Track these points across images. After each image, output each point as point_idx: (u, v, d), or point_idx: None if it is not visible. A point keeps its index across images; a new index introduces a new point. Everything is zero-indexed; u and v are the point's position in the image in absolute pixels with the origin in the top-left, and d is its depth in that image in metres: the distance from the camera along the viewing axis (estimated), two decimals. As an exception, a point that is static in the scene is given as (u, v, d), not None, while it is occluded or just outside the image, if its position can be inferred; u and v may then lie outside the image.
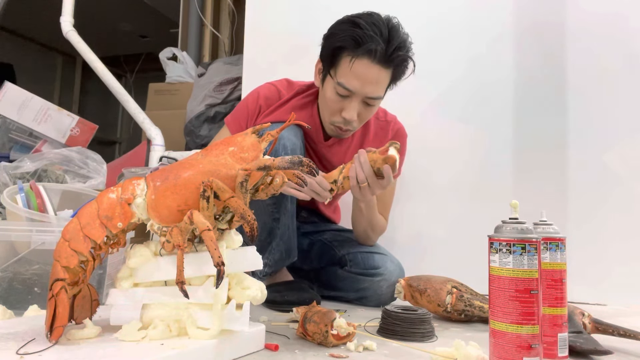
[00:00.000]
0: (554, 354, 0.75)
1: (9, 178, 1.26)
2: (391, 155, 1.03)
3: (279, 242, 1.21)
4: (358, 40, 1.12)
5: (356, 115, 1.19)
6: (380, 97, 1.20)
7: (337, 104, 1.20)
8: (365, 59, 1.13)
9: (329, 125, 1.26)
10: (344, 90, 1.16)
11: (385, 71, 1.16)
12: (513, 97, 1.68)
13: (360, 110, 1.20)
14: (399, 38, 1.15)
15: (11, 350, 0.63)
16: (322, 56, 1.23)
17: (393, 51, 1.13)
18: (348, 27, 1.15)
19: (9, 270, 0.94)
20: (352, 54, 1.13)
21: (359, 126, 1.26)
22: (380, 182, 1.08)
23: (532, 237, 0.67)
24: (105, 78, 2.11)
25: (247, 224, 0.70)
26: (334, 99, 1.19)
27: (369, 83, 1.15)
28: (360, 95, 1.17)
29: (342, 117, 1.20)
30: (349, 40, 1.13)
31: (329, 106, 1.22)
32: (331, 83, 1.19)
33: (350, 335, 0.84)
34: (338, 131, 1.25)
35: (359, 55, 1.13)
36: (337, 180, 1.07)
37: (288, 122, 0.79)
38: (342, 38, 1.15)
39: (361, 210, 1.29)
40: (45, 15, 3.26)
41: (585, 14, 1.64)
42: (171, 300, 0.73)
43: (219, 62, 2.52)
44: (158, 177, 0.75)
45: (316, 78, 1.28)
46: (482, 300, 1.10)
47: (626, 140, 1.57)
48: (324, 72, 1.22)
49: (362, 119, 1.23)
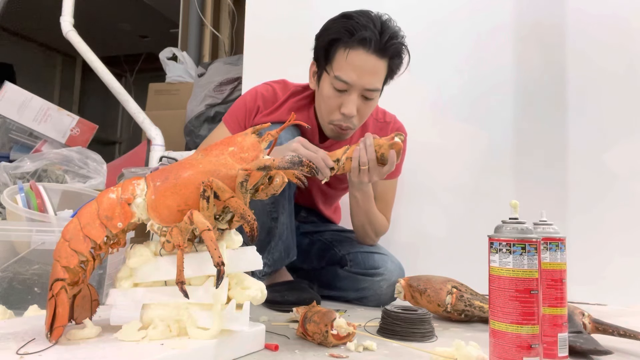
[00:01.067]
0: (554, 354, 0.75)
1: (9, 178, 1.26)
2: (397, 141, 1.04)
3: (278, 242, 1.21)
4: (351, 30, 1.13)
5: (355, 110, 1.18)
6: (378, 89, 1.19)
7: (336, 99, 1.19)
8: (360, 49, 1.14)
9: (328, 126, 1.25)
10: (341, 84, 1.16)
11: (381, 62, 1.16)
12: (513, 97, 1.68)
13: (359, 105, 1.19)
14: (392, 29, 1.16)
15: (11, 350, 0.63)
16: (316, 54, 1.23)
17: (387, 40, 1.14)
18: (340, 20, 1.17)
19: (9, 270, 0.94)
20: (347, 45, 1.15)
21: (359, 124, 1.24)
22: (380, 169, 1.07)
23: (532, 237, 0.67)
24: (105, 78, 2.11)
25: (247, 224, 0.70)
26: (331, 94, 1.19)
27: (366, 74, 1.15)
28: (358, 88, 1.17)
29: (341, 114, 1.19)
30: (342, 31, 1.15)
31: (327, 104, 1.21)
32: (328, 79, 1.19)
33: (350, 335, 0.84)
34: (338, 130, 1.23)
35: (354, 45, 1.14)
36: (339, 159, 1.06)
37: (288, 122, 0.79)
38: (335, 31, 1.16)
39: (357, 200, 1.28)
40: (45, 15, 3.25)
41: (585, 15, 1.64)
42: (171, 300, 0.73)
43: (219, 62, 2.52)
44: (158, 177, 0.75)
45: (311, 81, 1.28)
46: (482, 300, 1.10)
47: (626, 140, 1.57)
48: (319, 72, 1.23)
49: (361, 115, 1.22)
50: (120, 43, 4.81)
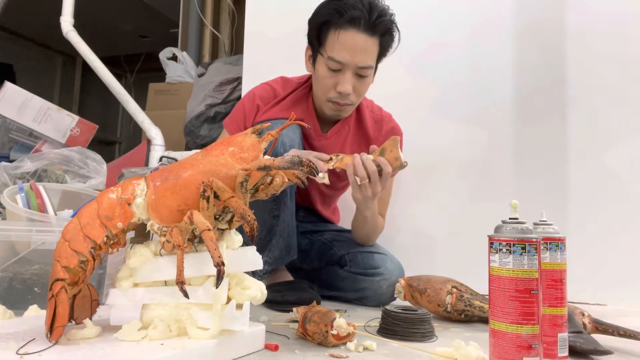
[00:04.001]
0: (554, 354, 0.75)
1: (9, 178, 1.26)
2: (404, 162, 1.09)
3: (279, 240, 1.21)
4: (340, 10, 1.17)
5: (351, 87, 1.22)
6: (371, 66, 1.22)
7: (331, 79, 1.22)
8: (350, 28, 1.17)
9: (326, 104, 1.27)
10: (335, 64, 1.19)
11: (372, 39, 1.19)
12: (513, 96, 1.68)
13: (354, 83, 1.22)
14: (380, 7, 1.19)
15: (11, 350, 0.63)
16: (309, 38, 1.26)
17: (376, 18, 1.18)
18: (330, 2, 1.20)
19: (9, 270, 0.94)
20: (337, 25, 1.18)
21: (357, 100, 1.27)
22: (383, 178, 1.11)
23: (532, 237, 0.67)
24: (105, 78, 2.11)
25: (247, 224, 0.70)
26: (326, 74, 1.22)
27: (358, 52, 1.18)
28: (351, 66, 1.20)
29: (337, 92, 1.22)
30: (332, 12, 1.18)
31: (322, 84, 1.24)
32: (322, 61, 1.22)
33: (350, 335, 0.84)
34: (337, 107, 1.26)
35: (344, 25, 1.17)
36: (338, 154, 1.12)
37: (288, 122, 0.79)
38: (325, 13, 1.20)
39: (366, 219, 1.28)
40: (45, 15, 3.25)
41: (586, 13, 1.64)
42: (171, 300, 0.73)
43: (219, 62, 2.53)
44: (158, 177, 0.75)
45: (307, 65, 1.31)
46: (482, 300, 1.10)
47: (626, 140, 1.57)
48: (313, 55, 1.26)
49: (358, 93, 1.25)
50: (120, 43, 4.81)
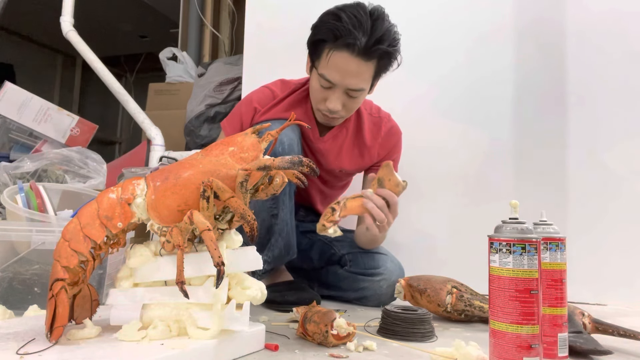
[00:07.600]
0: (554, 354, 0.75)
1: (9, 178, 1.27)
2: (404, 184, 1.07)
3: (278, 239, 1.21)
4: (337, 33, 1.13)
5: (340, 105, 1.21)
6: (362, 89, 1.20)
7: (321, 94, 1.22)
8: (344, 51, 1.14)
9: (317, 113, 1.28)
10: (325, 82, 1.19)
11: (366, 64, 1.15)
12: (513, 96, 1.68)
13: (344, 101, 1.21)
14: (382, 30, 1.13)
15: (11, 350, 0.63)
16: (308, 48, 1.25)
17: (374, 44, 1.13)
18: (330, 20, 1.16)
19: (9, 270, 0.94)
20: (331, 46, 1.15)
21: (347, 115, 1.27)
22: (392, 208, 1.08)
23: (532, 237, 0.67)
24: (105, 78, 2.11)
25: (247, 224, 0.70)
26: (318, 89, 1.22)
27: (349, 75, 1.16)
28: (341, 87, 1.19)
29: (326, 107, 1.22)
30: (328, 33, 1.15)
31: (314, 96, 1.25)
32: (316, 74, 1.22)
33: (350, 335, 0.84)
34: (326, 118, 1.27)
35: (338, 48, 1.14)
36: (339, 202, 1.02)
37: (288, 122, 0.79)
38: (323, 31, 1.17)
39: (376, 237, 1.28)
40: (45, 15, 3.26)
41: (586, 13, 1.63)
42: (171, 300, 0.73)
43: (219, 62, 2.52)
44: (158, 177, 0.75)
45: (307, 70, 1.30)
46: (482, 300, 1.10)
47: (626, 140, 1.57)
48: (311, 64, 1.25)
49: (348, 109, 1.24)
50: (120, 43, 4.81)
